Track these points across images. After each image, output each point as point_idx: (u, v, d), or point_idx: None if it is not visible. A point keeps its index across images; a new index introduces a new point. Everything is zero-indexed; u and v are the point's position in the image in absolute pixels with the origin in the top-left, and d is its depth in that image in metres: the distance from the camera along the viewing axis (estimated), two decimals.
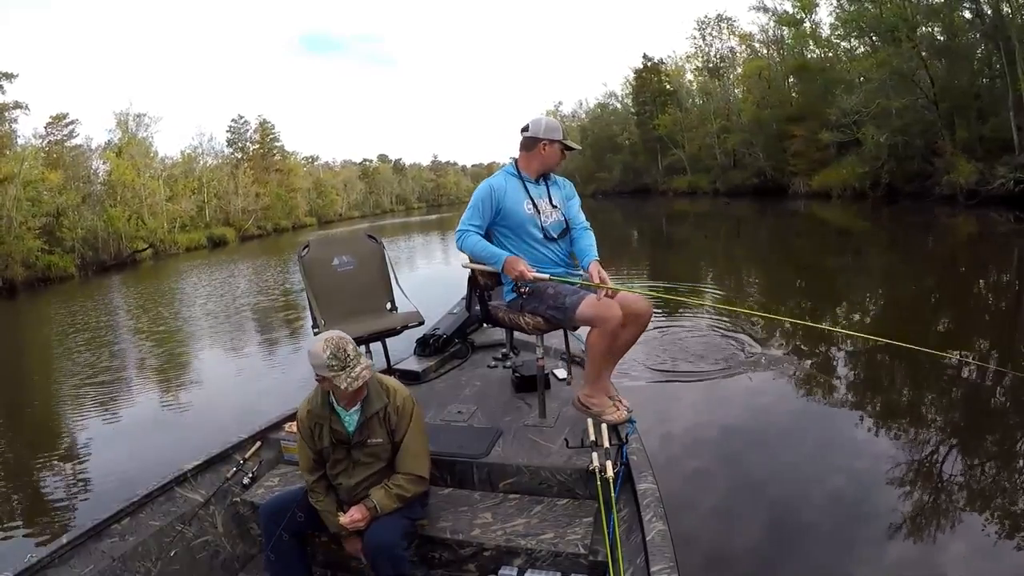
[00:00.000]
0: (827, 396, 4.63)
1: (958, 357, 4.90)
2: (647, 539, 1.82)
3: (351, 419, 2.18)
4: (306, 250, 3.18)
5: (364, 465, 2.20)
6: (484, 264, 2.71)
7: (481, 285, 2.90)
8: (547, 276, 2.62)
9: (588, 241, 2.79)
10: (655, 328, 6.58)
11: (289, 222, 56.15)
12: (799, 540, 2.89)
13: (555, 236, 2.78)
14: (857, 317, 7.32)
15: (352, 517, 2.08)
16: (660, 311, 8.02)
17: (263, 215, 52.10)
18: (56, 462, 4.86)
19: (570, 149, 2.85)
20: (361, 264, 3.31)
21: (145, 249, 34.75)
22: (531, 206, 2.75)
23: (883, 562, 2.67)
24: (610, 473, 2.17)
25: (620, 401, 2.69)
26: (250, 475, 2.65)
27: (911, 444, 3.70)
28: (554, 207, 2.80)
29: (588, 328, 2.56)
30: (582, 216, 2.87)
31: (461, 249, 2.74)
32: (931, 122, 20.81)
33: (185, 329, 10.54)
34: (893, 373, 5.17)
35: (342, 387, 2.03)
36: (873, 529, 2.87)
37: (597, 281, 2.54)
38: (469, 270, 2.86)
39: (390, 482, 2.15)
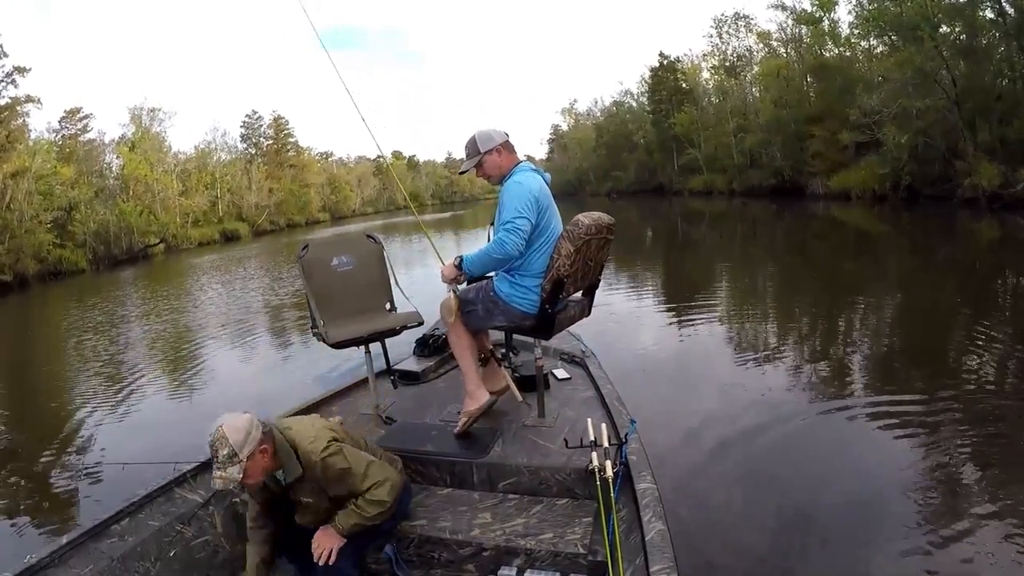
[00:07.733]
0: (834, 398, 4.55)
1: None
2: (646, 539, 1.81)
3: (280, 475, 2.04)
4: (305, 250, 3.16)
5: (306, 507, 2.11)
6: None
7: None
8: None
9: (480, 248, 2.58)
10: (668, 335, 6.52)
11: (302, 218, 56.67)
12: (800, 541, 2.84)
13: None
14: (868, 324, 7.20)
15: (319, 548, 2.02)
16: (669, 319, 7.97)
17: (276, 210, 52.65)
18: (62, 455, 4.91)
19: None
20: (360, 264, 3.28)
21: (157, 244, 35.20)
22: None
23: (886, 564, 2.63)
24: (609, 473, 2.16)
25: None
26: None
27: (922, 448, 3.61)
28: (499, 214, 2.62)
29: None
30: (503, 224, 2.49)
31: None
32: (953, 123, 20.41)
33: (190, 326, 10.61)
34: (907, 376, 5.07)
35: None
36: (878, 532, 2.82)
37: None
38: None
39: (353, 503, 2.05)
